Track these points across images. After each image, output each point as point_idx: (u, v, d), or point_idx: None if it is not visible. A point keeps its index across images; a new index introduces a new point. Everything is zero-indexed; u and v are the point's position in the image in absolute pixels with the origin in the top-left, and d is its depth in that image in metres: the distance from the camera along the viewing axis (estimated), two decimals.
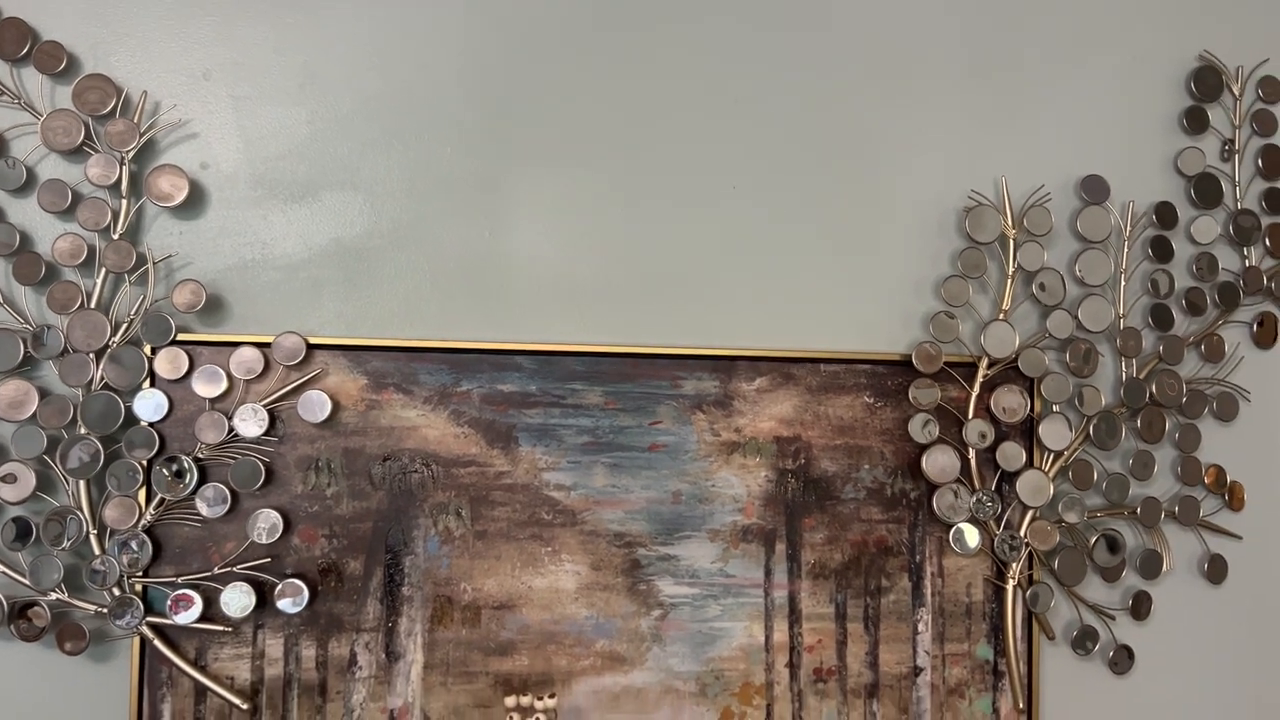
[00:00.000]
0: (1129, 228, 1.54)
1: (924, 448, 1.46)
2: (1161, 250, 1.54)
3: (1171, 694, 1.56)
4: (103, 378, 1.28)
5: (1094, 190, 1.52)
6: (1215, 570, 1.56)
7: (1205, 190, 1.57)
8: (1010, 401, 1.47)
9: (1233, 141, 1.59)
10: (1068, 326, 1.49)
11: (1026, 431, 1.49)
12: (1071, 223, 1.53)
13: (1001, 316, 1.48)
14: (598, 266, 1.43)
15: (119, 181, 1.29)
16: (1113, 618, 1.52)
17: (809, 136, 1.48)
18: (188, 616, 1.28)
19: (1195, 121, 1.57)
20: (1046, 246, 1.50)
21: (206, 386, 1.29)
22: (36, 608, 1.26)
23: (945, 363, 1.46)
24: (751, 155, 1.46)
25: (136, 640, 1.29)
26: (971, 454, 1.47)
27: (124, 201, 1.29)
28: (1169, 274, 1.54)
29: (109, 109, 1.29)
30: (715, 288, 1.45)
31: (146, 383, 1.29)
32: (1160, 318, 1.54)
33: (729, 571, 1.43)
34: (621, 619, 1.40)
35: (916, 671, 1.47)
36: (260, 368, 1.31)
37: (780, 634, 1.44)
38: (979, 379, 1.47)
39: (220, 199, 1.35)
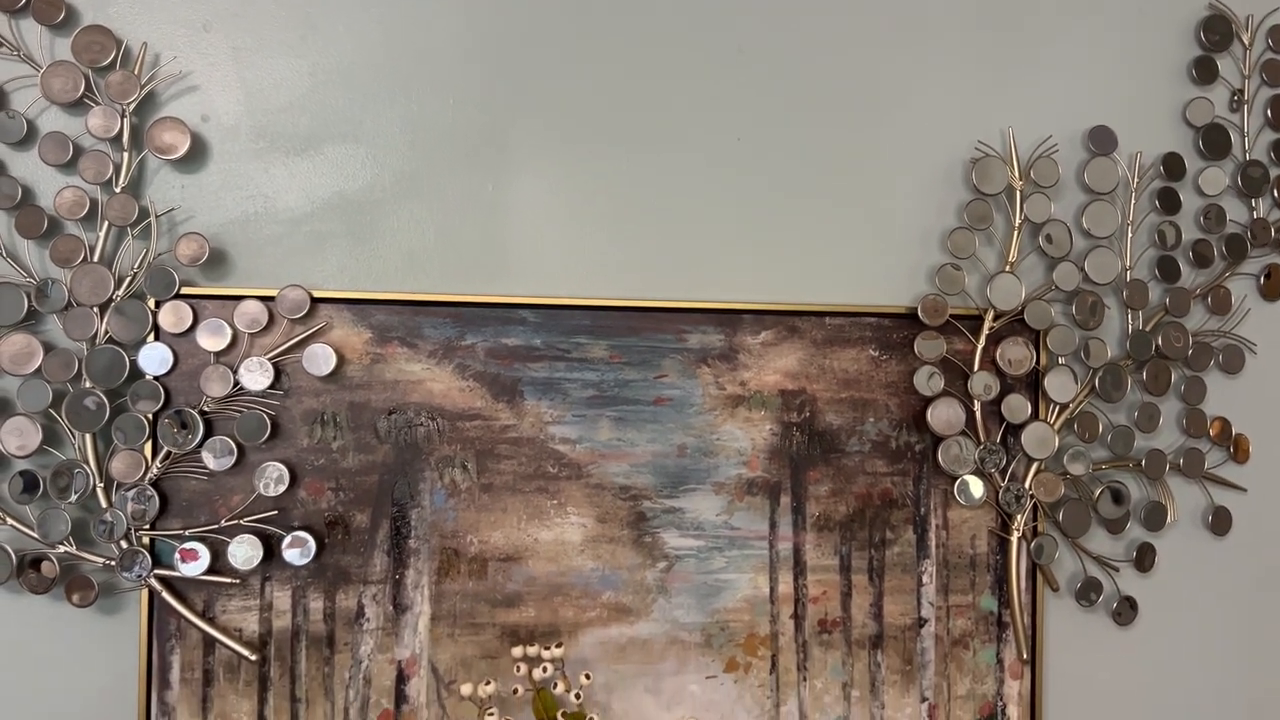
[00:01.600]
0: (1136, 179, 1.53)
1: (929, 400, 1.45)
2: (1169, 202, 1.53)
3: (1175, 645, 1.57)
4: (107, 331, 1.27)
5: (1101, 141, 1.51)
6: (1219, 522, 1.57)
7: (1214, 141, 1.55)
8: (1016, 354, 1.47)
9: (1242, 91, 1.57)
10: (1074, 278, 1.48)
11: (1032, 384, 1.49)
12: (1079, 174, 1.52)
13: (1008, 269, 1.47)
14: (601, 220, 1.42)
15: (120, 134, 1.28)
16: (1116, 569, 1.53)
17: (815, 87, 1.47)
18: (195, 569, 1.29)
19: (1204, 71, 1.56)
20: (1053, 198, 1.49)
21: (211, 339, 1.29)
22: (46, 561, 1.26)
23: (951, 315, 1.45)
24: (757, 107, 1.45)
25: (145, 592, 1.30)
26: (977, 406, 1.46)
27: (125, 154, 1.29)
28: (1176, 226, 1.54)
29: (109, 61, 1.28)
30: (720, 240, 1.44)
31: (150, 336, 1.29)
32: (1167, 270, 1.53)
33: (734, 524, 1.43)
34: (627, 571, 1.41)
35: (921, 623, 1.47)
36: (265, 321, 1.31)
37: (785, 586, 1.44)
38: (984, 331, 1.47)
39: (222, 152, 1.34)
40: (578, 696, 1.27)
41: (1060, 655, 1.52)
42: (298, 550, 1.31)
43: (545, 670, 1.28)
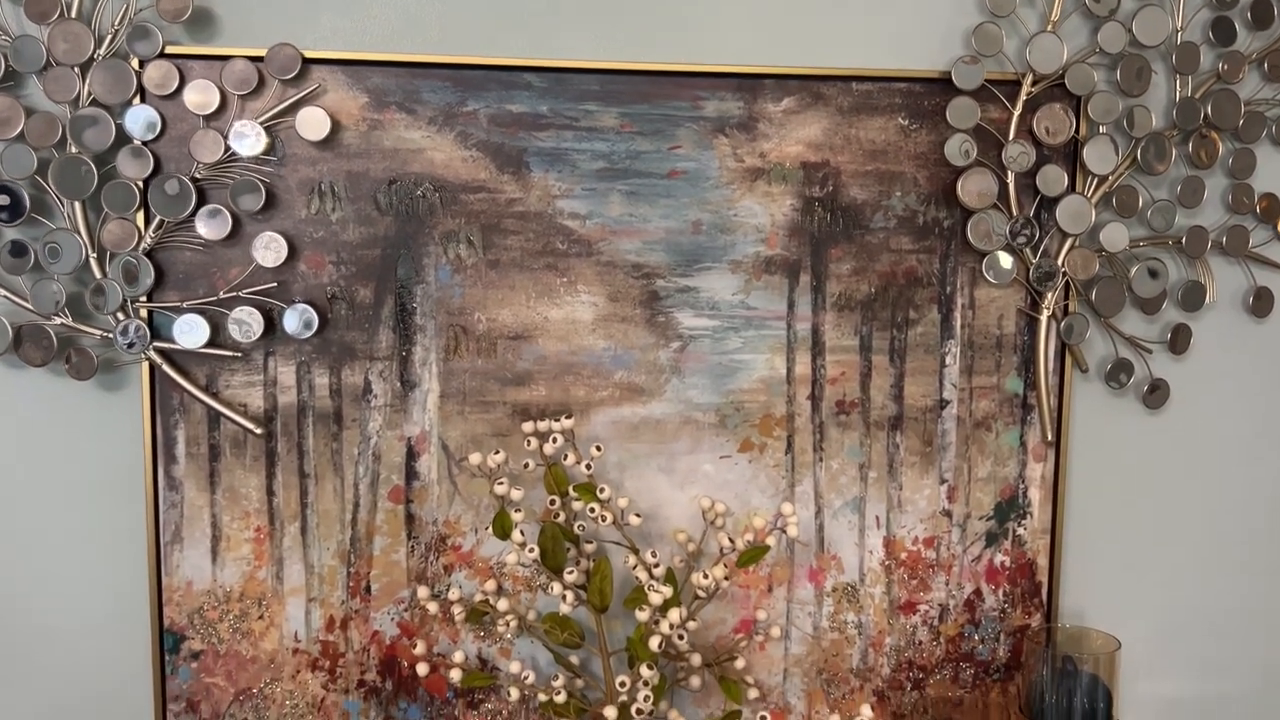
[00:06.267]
0: None
1: (960, 172, 1.37)
2: None
3: (1205, 429, 1.52)
4: (90, 93, 1.21)
5: None
6: (1260, 304, 1.50)
7: None
8: (1054, 121, 1.38)
9: None
10: (1120, 40, 1.37)
11: (1070, 154, 1.40)
12: None
13: (1049, 29, 1.37)
14: None
15: None
16: (1149, 351, 1.47)
17: None
18: (195, 340, 1.25)
19: None
20: None
21: (199, 99, 1.22)
22: (42, 331, 1.23)
23: (987, 80, 1.36)
24: None
25: (146, 367, 1.27)
26: (1010, 178, 1.38)
27: None
28: None
29: None
30: None
31: (136, 99, 1.22)
32: (1222, 31, 1.42)
33: (750, 304, 1.38)
34: (640, 351, 1.37)
35: (942, 404, 1.43)
36: (254, 83, 1.24)
37: (802, 366, 1.40)
38: (1022, 98, 1.37)
39: None
40: (588, 468, 1.24)
41: (1086, 439, 1.48)
42: (299, 324, 1.27)
43: (555, 441, 1.25)
